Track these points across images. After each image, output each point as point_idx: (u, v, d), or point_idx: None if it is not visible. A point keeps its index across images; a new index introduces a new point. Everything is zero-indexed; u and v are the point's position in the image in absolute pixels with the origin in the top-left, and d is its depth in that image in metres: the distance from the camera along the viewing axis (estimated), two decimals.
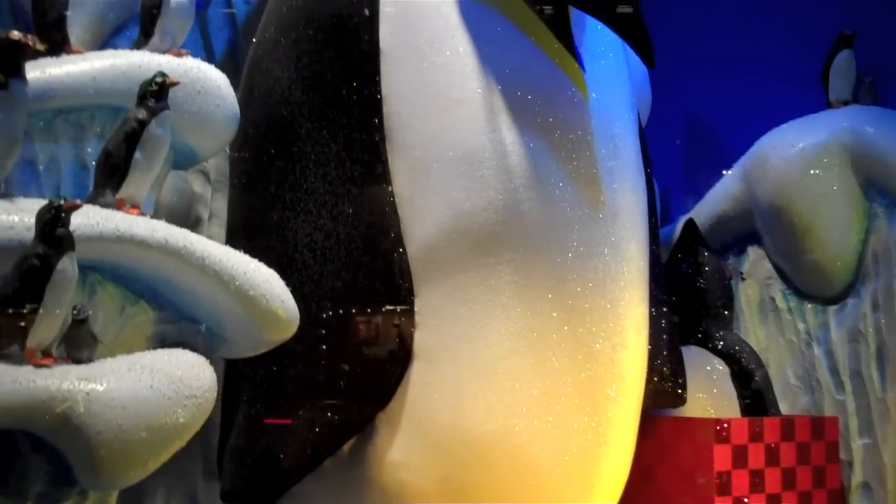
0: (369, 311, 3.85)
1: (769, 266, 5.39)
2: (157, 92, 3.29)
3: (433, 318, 3.83)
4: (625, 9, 3.90)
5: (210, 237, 4.48)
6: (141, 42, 3.80)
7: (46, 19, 3.59)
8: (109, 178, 3.23)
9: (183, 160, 3.88)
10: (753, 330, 5.42)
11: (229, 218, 4.25)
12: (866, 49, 5.32)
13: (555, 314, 3.88)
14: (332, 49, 3.97)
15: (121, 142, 3.24)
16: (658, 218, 4.72)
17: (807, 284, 5.23)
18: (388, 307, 3.84)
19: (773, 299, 5.37)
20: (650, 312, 4.37)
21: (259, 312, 3.28)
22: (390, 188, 3.87)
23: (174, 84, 3.33)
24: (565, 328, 3.92)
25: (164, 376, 2.87)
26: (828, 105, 5.31)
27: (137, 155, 3.24)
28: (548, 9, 4.00)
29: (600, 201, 4.03)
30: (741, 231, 5.48)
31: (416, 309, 3.82)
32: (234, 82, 3.99)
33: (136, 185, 3.26)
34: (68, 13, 3.62)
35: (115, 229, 3.05)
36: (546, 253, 3.89)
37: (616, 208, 4.10)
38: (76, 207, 2.87)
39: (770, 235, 5.32)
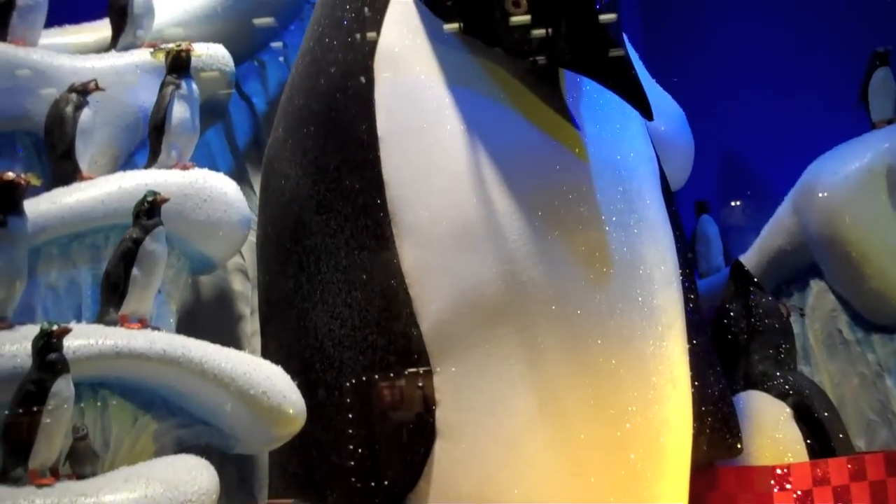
0: (390, 393, 3.90)
1: (833, 298, 5.20)
2: (148, 210, 3.47)
3: (453, 394, 3.85)
4: (615, 64, 3.90)
5: (253, 333, 4.72)
6: (150, 160, 4.03)
7: (56, 152, 3.87)
8: (111, 296, 3.42)
9: (200, 266, 4.07)
10: (825, 365, 5.22)
11: (260, 312, 4.40)
12: None
13: (576, 378, 3.83)
14: (333, 141, 4.10)
15: (118, 261, 3.43)
16: (692, 266, 4.62)
17: (871, 314, 5.03)
18: (408, 387, 3.88)
19: (840, 332, 5.18)
20: (692, 362, 4.28)
21: (262, 410, 3.38)
22: (400, 269, 3.93)
23: (164, 201, 3.51)
24: (589, 392, 3.86)
25: (159, 484, 2.99)
26: (872, 126, 5.15)
27: (135, 272, 3.43)
28: (539, 73, 4.04)
29: (615, 260, 3.97)
30: (801, 264, 5.32)
31: (435, 386, 3.85)
32: None
33: (137, 300, 3.44)
34: (77, 143, 3.87)
35: (114, 346, 3.22)
36: (560, 318, 3.87)
37: (637, 263, 4.03)
38: (67, 332, 3.04)
39: (828, 267, 5.14)
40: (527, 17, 3.88)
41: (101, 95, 4.04)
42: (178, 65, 4.05)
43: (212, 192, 3.91)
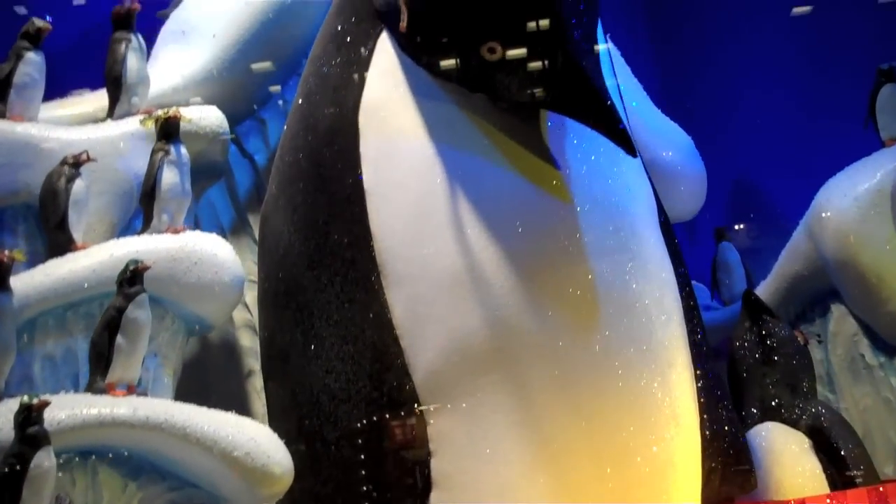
0: (385, 446, 3.90)
1: (853, 322, 5.07)
2: (130, 278, 3.55)
3: (447, 443, 3.83)
4: (593, 102, 3.89)
5: (262, 388, 4.77)
6: (144, 226, 4.13)
7: (50, 223, 3.98)
8: (97, 365, 3.50)
9: (195, 328, 4.14)
10: (849, 392, 5.08)
11: (262, 367, 4.45)
12: None
13: (570, 423, 3.79)
14: (322, 197, 4.15)
15: (102, 330, 3.51)
16: (695, 299, 4.55)
17: (892, 337, 4.89)
18: (403, 439, 3.88)
19: (862, 357, 5.04)
20: (700, 397, 4.21)
21: (246, 471, 3.42)
22: (390, 321, 3.94)
23: (146, 269, 3.59)
24: (585, 436, 3.81)
25: None
26: (882, 144, 5.03)
27: (119, 340, 3.51)
28: (522, 116, 4.04)
29: (606, 300, 3.93)
30: (820, 289, 5.21)
31: (429, 436, 3.85)
32: None
33: (123, 367, 3.51)
34: (70, 214, 3.98)
35: (98, 415, 3.29)
36: (550, 362, 3.83)
37: (631, 302, 3.99)
38: (46, 405, 3.12)
39: (845, 291, 5.02)
40: (504, 62, 3.90)
41: (97, 164, 4.16)
42: (167, 131, 4.16)
43: (202, 254, 3.99)
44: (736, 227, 6.01)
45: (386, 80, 4.21)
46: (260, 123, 5.07)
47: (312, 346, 4.09)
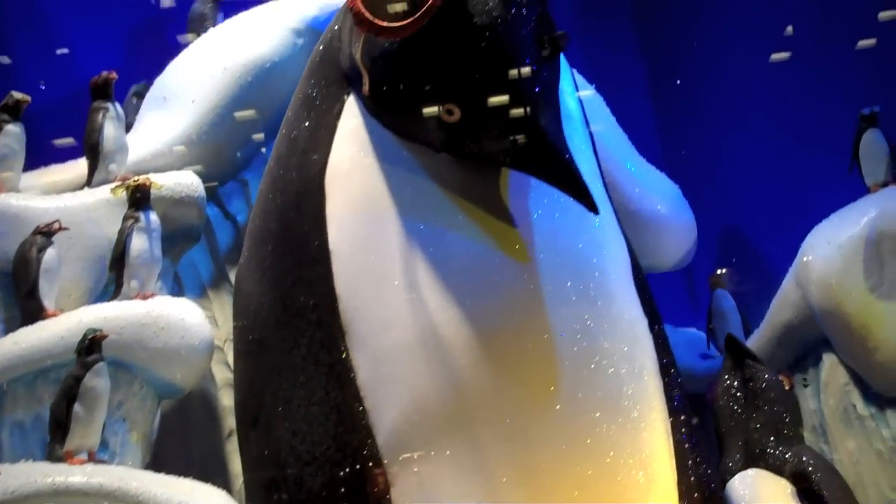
0: None
1: (844, 372, 4.98)
2: (89, 347, 3.62)
3: None
4: (553, 160, 3.89)
5: None
6: (115, 292, 4.21)
7: (21, 292, 4.07)
8: (55, 433, 3.57)
9: (165, 391, 4.20)
10: (842, 441, 4.98)
11: (236, 428, 4.47)
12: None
13: (530, 489, 3.76)
14: (289, 259, 4.18)
15: (60, 399, 3.59)
16: (672, 355, 4.49)
17: (881, 387, 4.79)
18: (367, 502, 3.88)
19: (854, 407, 4.93)
20: (677, 452, 4.16)
21: None
22: (355, 382, 3.95)
23: (104, 337, 3.66)
24: (560, 492, 3.80)
25: None
26: (867, 190, 4.96)
27: (77, 408, 3.57)
28: (485, 175, 4.06)
29: (568, 360, 3.89)
30: (810, 338, 5.12)
31: (392, 499, 3.83)
32: None
33: (81, 435, 3.57)
34: (42, 283, 4.07)
35: (52, 483, 3.35)
36: (512, 423, 3.79)
37: (596, 361, 3.95)
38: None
39: (833, 340, 4.94)
40: (463, 123, 3.93)
41: (73, 231, 4.27)
42: (138, 199, 4.26)
43: (169, 319, 4.06)
44: (730, 273, 5.93)
45: (352, 142, 4.25)
46: (242, 185, 5.15)
47: (280, 408, 4.11)
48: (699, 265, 6.16)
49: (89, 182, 4.57)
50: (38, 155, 4.83)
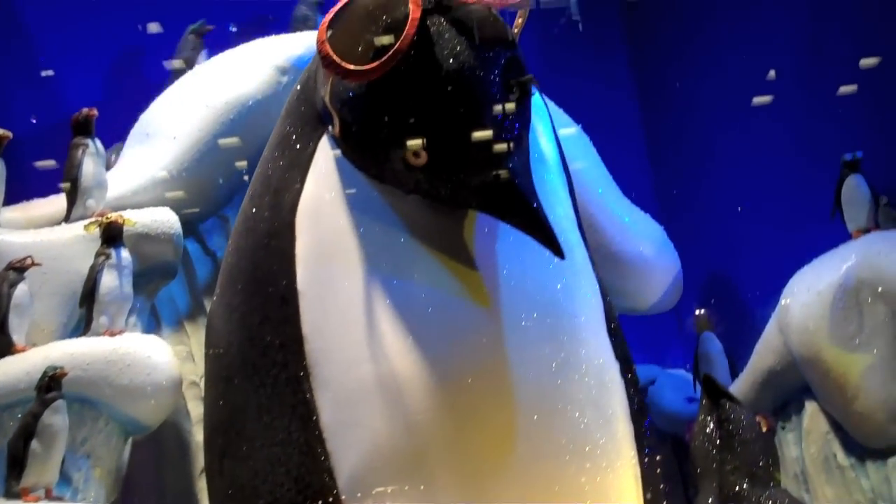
0: None
1: (826, 420, 4.92)
2: (48, 385, 3.65)
3: None
4: (518, 204, 3.88)
5: None
6: (84, 328, 4.24)
7: None
8: (12, 470, 3.60)
9: (132, 428, 4.21)
10: (822, 491, 4.89)
11: (204, 465, 4.47)
12: (884, 166, 4.91)
13: None
14: (257, 298, 4.17)
15: (18, 436, 3.61)
16: (644, 403, 4.45)
17: (860, 436, 4.71)
18: None
19: (835, 456, 4.86)
20: (645, 497, 4.11)
21: None
22: (318, 425, 3.95)
23: (63, 375, 3.69)
24: None
25: None
26: (850, 236, 4.91)
27: (34, 445, 3.59)
28: (454, 217, 4.06)
29: (528, 408, 3.85)
30: (793, 385, 5.06)
31: None
32: None
33: (37, 473, 3.59)
34: (12, 318, 4.11)
35: None
36: (478, 467, 3.78)
37: (560, 408, 3.91)
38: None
39: (813, 386, 4.88)
40: (429, 166, 3.93)
41: (48, 266, 4.32)
42: (110, 235, 4.30)
43: (135, 356, 4.09)
44: (718, 316, 5.88)
45: (324, 183, 4.26)
46: (223, 221, 5.18)
47: (244, 447, 4.10)
48: (688, 307, 6.12)
49: (67, 217, 4.62)
50: (26, 187, 4.91)
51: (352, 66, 4.03)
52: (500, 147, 3.94)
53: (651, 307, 5.64)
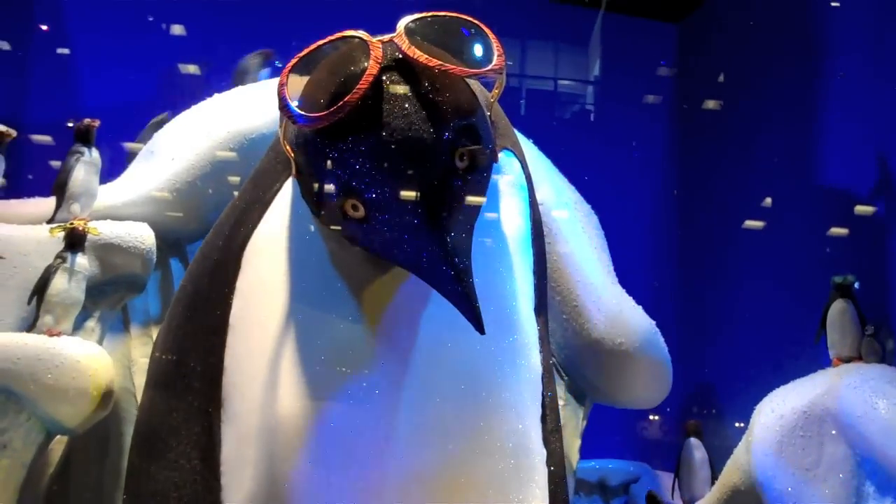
0: None
1: None
2: None
3: None
4: (446, 274, 3.82)
5: None
6: (31, 324, 4.39)
7: None
8: None
9: (53, 428, 4.31)
10: None
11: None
12: (873, 294, 4.61)
13: None
14: (191, 325, 4.25)
15: None
16: (565, 484, 4.26)
17: None
18: None
19: None
20: None
21: None
22: (218, 458, 3.96)
23: None
24: None
25: None
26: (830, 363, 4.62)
27: None
28: (389, 275, 4.02)
29: (432, 474, 3.78)
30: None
31: None
32: None
33: None
34: None
35: None
36: None
37: (467, 470, 3.79)
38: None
39: None
40: (367, 220, 3.92)
41: (18, 261, 4.52)
42: (71, 241, 4.45)
43: (64, 359, 4.20)
44: (706, 425, 5.61)
45: (278, 221, 4.29)
46: None
47: (151, 467, 4.16)
48: (687, 410, 5.88)
49: (51, 219, 4.82)
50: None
51: (301, 112, 4.08)
52: (437, 213, 3.89)
53: (631, 401, 5.41)
